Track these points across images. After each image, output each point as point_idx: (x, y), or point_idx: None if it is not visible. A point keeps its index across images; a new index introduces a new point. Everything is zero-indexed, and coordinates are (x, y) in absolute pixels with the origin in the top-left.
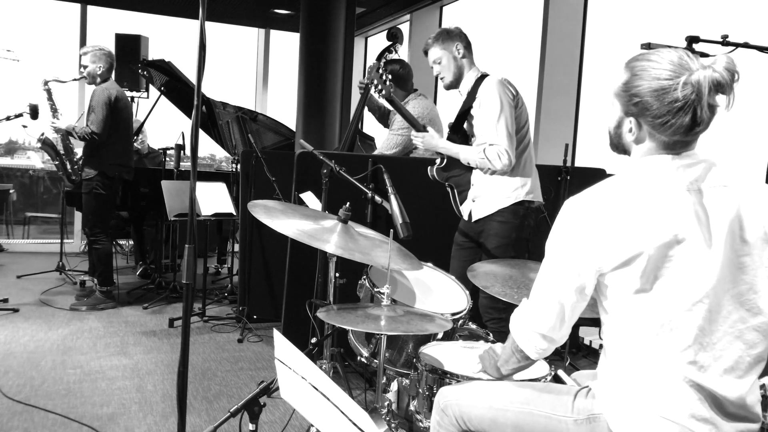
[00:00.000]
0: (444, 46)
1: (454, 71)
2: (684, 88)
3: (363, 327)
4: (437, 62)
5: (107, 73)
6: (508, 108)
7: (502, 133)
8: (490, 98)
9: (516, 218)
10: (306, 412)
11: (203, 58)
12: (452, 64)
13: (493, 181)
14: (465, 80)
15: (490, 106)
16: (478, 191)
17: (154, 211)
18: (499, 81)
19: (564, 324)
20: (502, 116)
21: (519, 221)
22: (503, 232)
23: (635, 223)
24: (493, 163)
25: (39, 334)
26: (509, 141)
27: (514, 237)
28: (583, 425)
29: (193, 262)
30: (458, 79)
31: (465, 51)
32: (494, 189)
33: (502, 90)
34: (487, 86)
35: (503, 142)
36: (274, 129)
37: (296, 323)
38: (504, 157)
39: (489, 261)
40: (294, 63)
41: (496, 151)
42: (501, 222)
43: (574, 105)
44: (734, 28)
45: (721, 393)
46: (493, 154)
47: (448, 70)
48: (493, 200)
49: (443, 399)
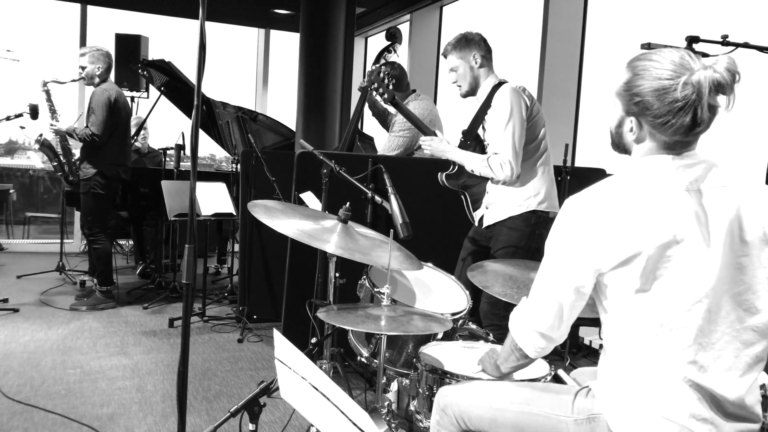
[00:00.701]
0: (461, 55)
1: (470, 81)
2: (684, 88)
3: (363, 327)
4: (454, 70)
5: (105, 74)
6: (518, 118)
7: (508, 143)
8: (501, 107)
9: (527, 226)
10: (306, 412)
11: (203, 58)
12: (468, 74)
13: (507, 189)
14: (482, 88)
15: (500, 115)
16: (493, 198)
17: (154, 211)
18: (513, 89)
19: (563, 323)
20: (510, 125)
21: (530, 229)
22: (512, 239)
23: (634, 223)
24: (495, 174)
25: (39, 334)
26: (513, 152)
27: (523, 245)
28: (583, 425)
29: (193, 262)
30: (474, 89)
31: (482, 59)
32: (507, 197)
33: (515, 99)
34: (501, 94)
35: (507, 153)
36: (274, 129)
37: (296, 323)
38: (506, 167)
39: (488, 261)
40: (294, 63)
41: (499, 161)
42: (511, 228)
43: (574, 105)
44: (734, 28)
45: (721, 393)
46: (495, 164)
47: (464, 80)
48: (505, 207)
49: (443, 399)
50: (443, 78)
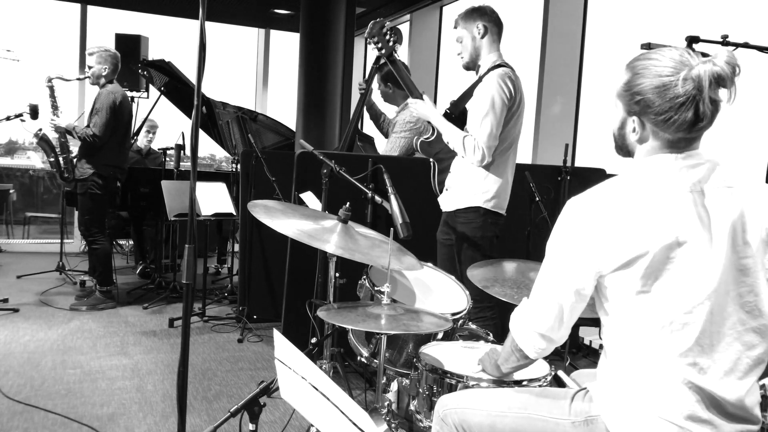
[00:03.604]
0: (465, 25)
1: (471, 51)
2: (685, 83)
3: (363, 326)
4: (459, 41)
5: (111, 75)
6: (500, 105)
7: (486, 129)
8: (485, 92)
9: (478, 217)
10: (306, 412)
11: (203, 58)
12: (470, 44)
13: (465, 177)
14: (482, 63)
15: (483, 100)
16: (452, 182)
17: (154, 211)
18: (501, 75)
19: (563, 324)
20: (491, 113)
21: (481, 219)
22: (468, 230)
23: (637, 225)
24: (467, 154)
25: (39, 334)
26: (488, 139)
27: (479, 235)
28: (581, 427)
29: (193, 262)
30: (474, 60)
31: (485, 30)
32: (464, 185)
33: (501, 85)
34: (489, 78)
35: (482, 139)
36: (274, 129)
37: (296, 323)
38: (478, 152)
39: (487, 261)
40: (294, 63)
41: (473, 144)
42: (464, 223)
43: (574, 105)
44: (734, 28)
45: (721, 394)
46: (470, 145)
47: (466, 50)
48: (458, 197)
49: (442, 408)
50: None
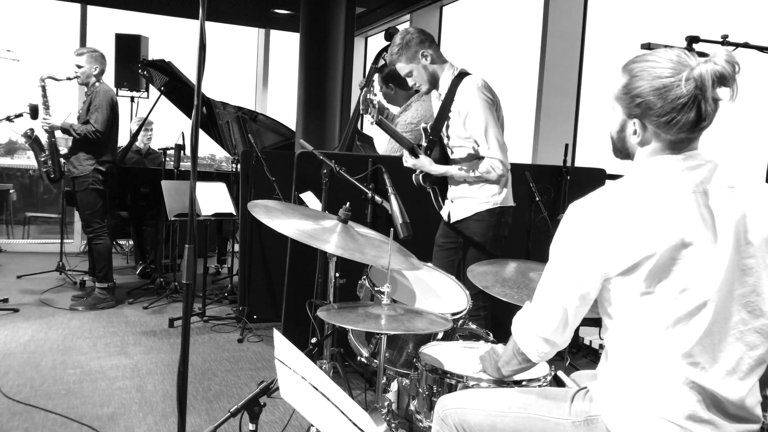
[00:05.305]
0: (408, 60)
1: (428, 79)
2: (687, 83)
3: (363, 326)
4: (409, 76)
5: (100, 75)
6: (491, 114)
7: (494, 144)
8: (473, 108)
9: (492, 216)
10: (306, 412)
11: (203, 58)
12: (424, 72)
13: (468, 186)
14: (442, 80)
15: (476, 118)
16: (457, 193)
17: (154, 211)
18: (479, 87)
19: (567, 328)
20: (491, 126)
21: (495, 219)
22: (480, 230)
23: (642, 228)
24: (490, 175)
25: (39, 334)
26: (501, 150)
27: (491, 235)
28: (581, 427)
29: (193, 262)
30: (435, 84)
31: (432, 54)
32: (469, 193)
33: (482, 95)
34: (467, 94)
35: (496, 153)
36: (274, 129)
37: (296, 323)
38: (498, 167)
39: (488, 261)
40: (294, 63)
41: (489, 165)
42: (477, 221)
43: (574, 105)
44: (734, 28)
45: (722, 394)
46: (485, 168)
47: (422, 80)
48: (470, 204)
49: (442, 408)
50: None
